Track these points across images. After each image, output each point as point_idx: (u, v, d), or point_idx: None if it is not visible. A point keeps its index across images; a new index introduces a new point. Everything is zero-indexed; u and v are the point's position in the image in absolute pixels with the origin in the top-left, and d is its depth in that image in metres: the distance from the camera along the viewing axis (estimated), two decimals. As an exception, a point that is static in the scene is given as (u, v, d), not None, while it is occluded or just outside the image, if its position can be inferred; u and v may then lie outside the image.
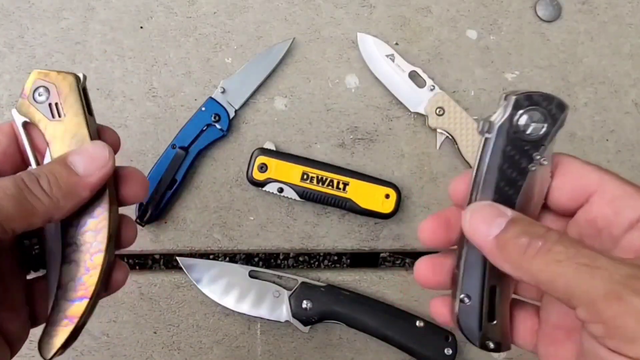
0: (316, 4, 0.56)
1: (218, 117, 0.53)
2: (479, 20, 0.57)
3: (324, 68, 0.56)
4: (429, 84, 0.54)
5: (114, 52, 0.55)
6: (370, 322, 0.51)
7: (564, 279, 0.23)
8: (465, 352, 0.54)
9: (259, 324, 0.53)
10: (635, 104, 0.57)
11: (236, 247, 0.54)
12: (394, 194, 0.52)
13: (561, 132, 0.28)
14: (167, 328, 0.53)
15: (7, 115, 0.53)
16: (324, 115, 0.55)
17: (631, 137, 0.56)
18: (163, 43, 0.55)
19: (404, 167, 0.55)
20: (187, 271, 0.52)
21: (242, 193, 0.54)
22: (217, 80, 0.54)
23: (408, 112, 0.55)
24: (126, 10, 0.55)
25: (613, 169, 0.59)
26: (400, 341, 0.51)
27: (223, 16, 0.56)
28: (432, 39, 0.56)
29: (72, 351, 0.52)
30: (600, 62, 0.57)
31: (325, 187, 0.51)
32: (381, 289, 0.54)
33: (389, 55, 0.55)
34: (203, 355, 0.53)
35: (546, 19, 0.57)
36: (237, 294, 0.52)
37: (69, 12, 0.55)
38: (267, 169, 0.51)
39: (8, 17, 0.55)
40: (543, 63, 0.57)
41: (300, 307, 0.51)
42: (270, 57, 0.54)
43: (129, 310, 0.53)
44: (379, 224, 0.54)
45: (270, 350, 0.53)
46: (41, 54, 0.54)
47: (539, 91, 0.27)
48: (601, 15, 0.58)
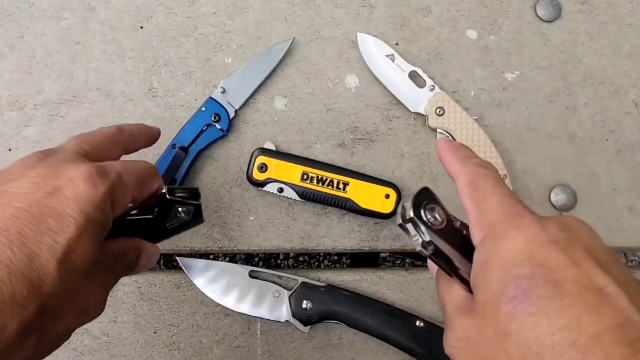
0: (316, 4, 0.56)
1: (218, 117, 0.53)
2: (479, 20, 0.57)
3: (324, 68, 0.56)
4: (429, 84, 0.54)
5: (114, 52, 0.55)
6: (370, 322, 0.51)
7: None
8: (465, 352, 0.54)
9: (259, 324, 0.53)
10: (635, 104, 0.57)
11: (236, 247, 0.54)
12: (394, 194, 0.52)
13: (561, 132, 0.28)
14: (167, 328, 0.53)
15: (7, 115, 0.53)
16: (324, 115, 0.55)
17: (631, 137, 0.56)
18: (163, 43, 0.55)
19: (404, 167, 0.55)
20: (187, 271, 0.52)
21: (242, 193, 0.54)
22: (217, 80, 0.54)
23: (408, 112, 0.55)
24: (126, 10, 0.55)
25: (613, 169, 0.59)
26: (400, 341, 0.51)
27: (223, 16, 0.56)
28: (432, 39, 0.56)
29: (72, 351, 0.52)
30: (600, 62, 0.57)
31: (325, 187, 0.51)
32: (381, 289, 0.54)
33: (389, 55, 0.55)
34: (203, 355, 0.53)
35: (546, 19, 0.57)
36: (237, 294, 0.52)
37: (69, 12, 0.55)
38: (267, 169, 0.51)
39: (8, 17, 0.55)
40: (543, 63, 0.57)
41: (300, 307, 0.51)
42: (270, 57, 0.54)
43: (129, 310, 0.53)
44: (379, 224, 0.54)
45: (270, 350, 0.53)
46: (41, 54, 0.54)
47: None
48: (601, 15, 0.58)
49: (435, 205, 0.31)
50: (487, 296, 0.27)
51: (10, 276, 0.26)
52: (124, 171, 0.34)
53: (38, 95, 0.54)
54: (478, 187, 0.30)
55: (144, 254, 0.37)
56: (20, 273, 0.27)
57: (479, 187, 0.30)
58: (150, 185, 0.37)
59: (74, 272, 0.29)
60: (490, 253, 0.27)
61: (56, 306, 0.28)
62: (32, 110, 0.54)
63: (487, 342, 0.26)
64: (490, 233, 0.28)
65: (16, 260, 0.27)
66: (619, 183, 0.56)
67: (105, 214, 0.31)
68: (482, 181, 0.30)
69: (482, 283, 0.27)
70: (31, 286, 0.27)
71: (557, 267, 0.25)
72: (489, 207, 0.29)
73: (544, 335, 0.24)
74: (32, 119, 0.54)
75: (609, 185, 0.56)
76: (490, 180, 0.30)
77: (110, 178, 0.32)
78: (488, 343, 0.26)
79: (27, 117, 0.54)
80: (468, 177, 0.31)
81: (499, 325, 0.26)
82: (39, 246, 0.28)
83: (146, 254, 0.37)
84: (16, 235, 0.27)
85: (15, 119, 0.54)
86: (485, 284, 0.27)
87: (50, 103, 0.54)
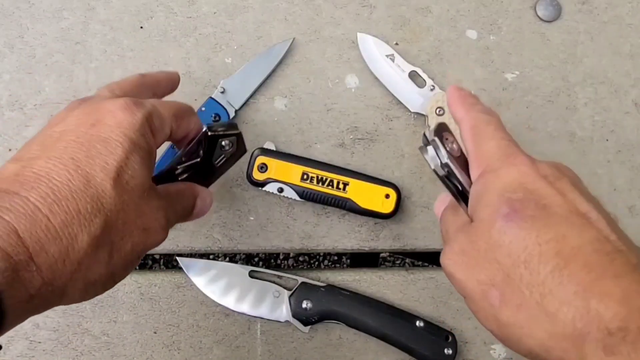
0: (316, 4, 0.56)
1: (218, 117, 0.53)
2: (479, 20, 0.57)
3: (324, 68, 0.56)
4: (429, 84, 0.54)
5: (114, 52, 0.55)
6: (370, 322, 0.51)
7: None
8: (465, 352, 0.54)
9: (259, 324, 0.53)
10: (635, 104, 0.57)
11: (236, 247, 0.54)
12: (394, 194, 0.52)
13: (561, 132, 0.29)
14: (167, 328, 0.53)
15: (7, 115, 0.53)
16: (324, 115, 0.55)
17: (631, 137, 0.56)
18: (163, 43, 0.55)
19: (404, 167, 0.55)
20: (187, 271, 0.52)
21: (242, 193, 0.54)
22: (217, 80, 0.54)
23: (408, 112, 0.55)
24: (126, 10, 0.55)
25: (613, 169, 0.59)
26: (400, 341, 0.51)
27: (223, 16, 0.56)
28: (432, 39, 0.56)
29: (72, 351, 0.52)
30: (600, 62, 0.57)
31: (325, 187, 0.51)
32: (381, 289, 0.54)
33: (389, 55, 0.55)
34: (203, 355, 0.53)
35: (546, 19, 0.57)
36: (237, 294, 0.52)
37: (69, 12, 0.55)
38: (267, 169, 0.51)
39: (8, 17, 0.55)
40: (543, 63, 0.57)
41: (300, 307, 0.51)
42: (270, 57, 0.54)
43: (129, 310, 0.53)
44: (379, 224, 0.54)
45: (270, 350, 0.53)
46: (41, 54, 0.54)
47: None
48: (601, 15, 0.58)
49: (453, 137, 0.35)
50: (482, 215, 0.30)
51: (72, 194, 0.29)
52: (158, 104, 0.36)
53: (38, 95, 0.54)
54: (480, 131, 0.33)
55: (199, 198, 0.40)
56: (80, 191, 0.29)
57: (480, 131, 0.33)
58: (188, 121, 0.39)
59: (128, 191, 0.31)
60: (487, 184, 0.31)
61: (119, 222, 0.31)
62: (32, 110, 0.54)
63: (479, 254, 0.30)
64: (487, 168, 0.32)
65: (74, 180, 0.29)
66: (619, 183, 0.56)
67: (147, 139, 0.34)
68: (483, 126, 0.33)
69: (478, 205, 0.31)
70: (92, 202, 0.30)
71: (547, 195, 0.29)
72: (487, 148, 0.32)
73: (533, 246, 0.27)
74: (32, 119, 0.54)
75: (609, 185, 0.56)
76: (491, 125, 0.33)
77: (146, 107, 0.34)
78: (480, 254, 0.30)
79: (27, 117, 0.54)
80: (472, 122, 0.34)
81: (491, 238, 0.29)
82: (92, 168, 0.30)
83: (201, 197, 0.40)
84: (70, 160, 0.30)
85: (15, 119, 0.54)
86: (481, 205, 0.31)
87: (50, 103, 0.54)
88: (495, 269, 0.29)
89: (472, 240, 0.30)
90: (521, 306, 0.27)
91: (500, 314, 0.28)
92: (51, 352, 0.52)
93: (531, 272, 0.27)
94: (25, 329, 0.52)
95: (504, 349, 0.54)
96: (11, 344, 0.51)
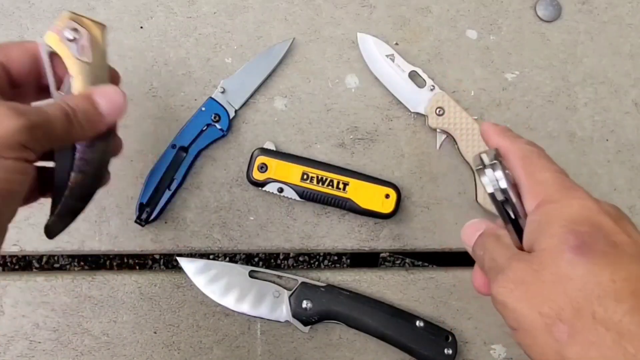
0: (316, 4, 0.56)
1: (218, 117, 0.53)
2: (479, 20, 0.57)
3: (324, 68, 0.56)
4: (429, 84, 0.54)
5: (114, 52, 0.55)
6: (370, 322, 0.51)
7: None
8: (465, 352, 0.54)
9: (259, 324, 0.53)
10: (635, 104, 0.57)
11: (236, 247, 0.54)
12: (394, 194, 0.52)
13: (561, 132, 0.29)
14: (167, 328, 0.53)
15: (7, 115, 0.53)
16: (324, 115, 0.55)
17: (631, 137, 0.56)
18: (163, 43, 0.55)
19: (404, 167, 0.55)
20: (187, 271, 0.52)
21: (242, 193, 0.54)
22: (217, 80, 0.54)
23: (408, 112, 0.55)
24: (126, 10, 0.55)
25: (613, 169, 0.59)
26: (400, 341, 0.51)
27: (223, 16, 0.56)
28: (432, 39, 0.56)
29: (72, 351, 0.52)
30: (600, 62, 0.57)
31: (325, 187, 0.51)
32: (381, 289, 0.54)
33: (389, 55, 0.55)
34: (203, 355, 0.53)
35: (546, 19, 0.57)
36: (237, 294, 0.52)
37: (69, 12, 0.55)
38: (267, 169, 0.51)
39: (8, 17, 0.55)
40: (543, 63, 0.57)
41: (300, 307, 0.51)
42: (270, 57, 0.54)
43: (129, 310, 0.53)
44: (379, 224, 0.54)
45: (270, 350, 0.53)
46: (41, 54, 0.54)
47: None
48: (601, 15, 0.58)
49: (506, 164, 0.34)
50: (545, 245, 0.29)
51: None
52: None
53: (38, 95, 0.54)
54: (532, 162, 0.33)
55: (96, 95, 0.36)
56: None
57: (532, 162, 0.33)
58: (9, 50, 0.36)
59: None
60: (549, 214, 0.30)
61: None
62: (32, 110, 0.54)
63: (543, 285, 0.28)
64: (546, 199, 0.31)
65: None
66: (619, 183, 0.56)
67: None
68: (535, 157, 0.33)
69: (541, 235, 0.30)
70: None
71: (614, 232, 0.28)
72: (543, 179, 0.32)
73: (607, 282, 0.27)
74: (32, 119, 0.54)
75: (609, 185, 0.56)
76: (543, 157, 0.33)
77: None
78: (545, 285, 0.28)
79: (27, 117, 0.54)
80: (521, 153, 0.34)
81: (559, 269, 0.28)
82: None
83: (99, 94, 0.36)
84: None
85: (15, 119, 0.53)
86: (544, 235, 0.30)
87: (50, 103, 0.54)
88: (563, 302, 0.27)
89: (536, 270, 0.29)
90: (594, 344, 0.26)
91: (566, 350, 0.27)
92: (51, 352, 0.52)
93: (606, 310, 0.26)
94: (25, 329, 0.52)
95: (504, 349, 0.54)
96: (11, 344, 0.51)
